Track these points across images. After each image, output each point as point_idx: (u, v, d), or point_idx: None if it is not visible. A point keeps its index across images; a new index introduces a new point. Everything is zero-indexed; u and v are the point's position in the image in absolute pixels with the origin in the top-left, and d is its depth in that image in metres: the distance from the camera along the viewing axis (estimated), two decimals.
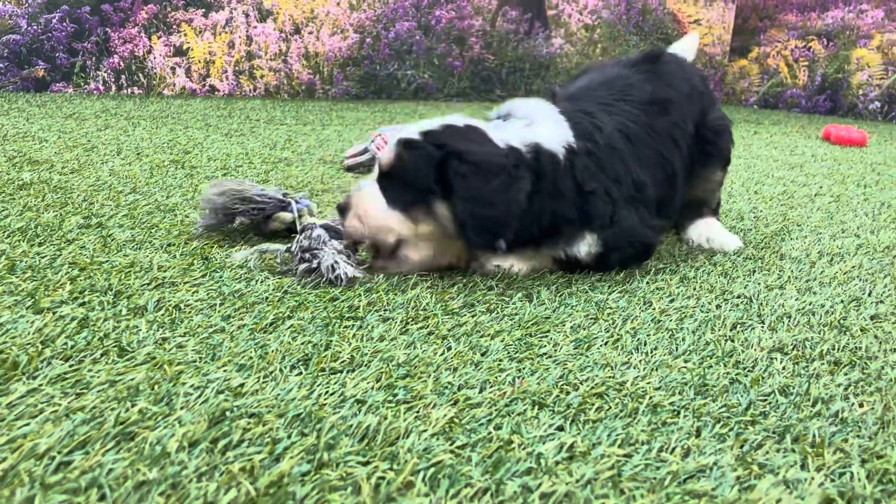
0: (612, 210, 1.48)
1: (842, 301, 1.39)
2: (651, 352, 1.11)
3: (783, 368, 1.07)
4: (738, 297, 1.39)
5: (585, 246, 1.47)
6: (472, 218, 1.36)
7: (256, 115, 4.17)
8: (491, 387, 0.97)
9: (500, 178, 1.37)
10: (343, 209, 1.46)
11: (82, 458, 0.75)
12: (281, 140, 3.21)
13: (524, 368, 1.03)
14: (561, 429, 0.87)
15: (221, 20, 5.24)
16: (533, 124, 1.49)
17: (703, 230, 1.83)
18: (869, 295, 1.44)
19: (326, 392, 0.92)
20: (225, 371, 0.97)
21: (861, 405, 0.97)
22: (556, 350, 1.10)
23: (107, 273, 1.31)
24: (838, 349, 1.16)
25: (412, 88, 5.93)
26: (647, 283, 1.45)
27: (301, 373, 0.98)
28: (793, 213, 2.20)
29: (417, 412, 0.89)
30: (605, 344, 1.13)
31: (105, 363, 0.97)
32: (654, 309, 1.30)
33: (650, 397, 0.96)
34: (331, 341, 1.08)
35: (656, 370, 1.05)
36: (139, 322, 1.11)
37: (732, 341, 1.17)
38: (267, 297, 1.25)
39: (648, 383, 1.00)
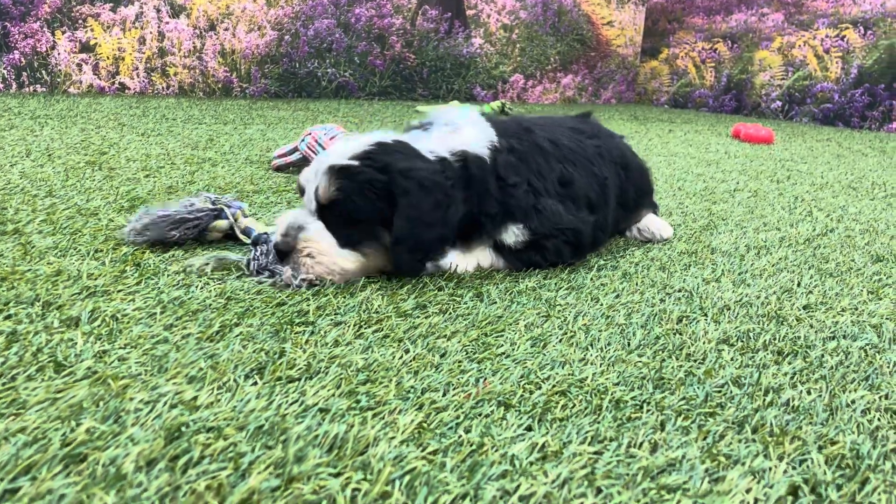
0: (533, 200, 1.49)
1: (774, 292, 1.45)
2: (605, 347, 1.12)
3: (732, 360, 1.10)
4: (679, 290, 1.43)
5: (512, 236, 1.48)
6: (411, 237, 1.32)
7: (172, 114, 4.01)
8: (454, 389, 0.95)
9: (438, 198, 1.34)
10: (284, 252, 1.33)
11: (30, 484, 0.69)
12: (202, 140, 3.10)
13: (485, 369, 1.02)
14: (530, 429, 0.87)
15: (131, 15, 5.02)
16: (457, 130, 1.49)
17: (641, 222, 1.89)
18: (798, 286, 1.50)
19: (286, 402, 0.89)
20: (175, 384, 0.91)
21: (809, 392, 1.00)
22: (513, 349, 1.09)
23: (31, 283, 1.23)
24: (779, 339, 1.20)
25: (333, 87, 5.84)
26: (592, 279, 1.47)
27: (257, 382, 0.94)
28: (716, 209, 2.28)
29: (384, 418, 0.87)
30: (560, 341, 1.14)
31: (41, 380, 0.90)
32: (602, 304, 1.32)
33: (612, 393, 0.96)
34: (284, 348, 1.04)
35: (613, 366, 1.06)
36: (74, 334, 1.04)
37: (681, 334, 1.20)
38: (210, 304, 1.19)
39: (607, 379, 1.01)
